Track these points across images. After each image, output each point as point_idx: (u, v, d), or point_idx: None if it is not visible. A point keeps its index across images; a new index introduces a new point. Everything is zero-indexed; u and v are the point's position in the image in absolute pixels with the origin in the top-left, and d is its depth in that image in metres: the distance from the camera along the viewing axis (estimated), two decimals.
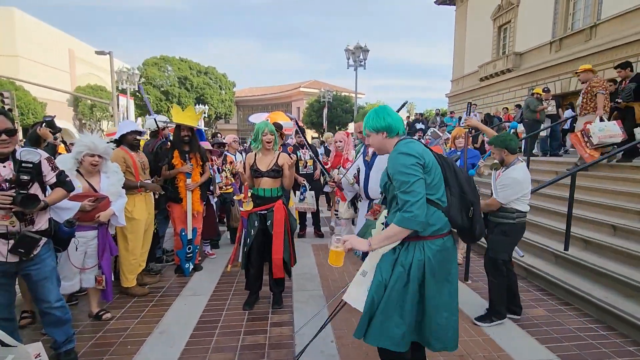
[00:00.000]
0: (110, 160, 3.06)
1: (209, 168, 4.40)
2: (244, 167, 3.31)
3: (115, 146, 3.56)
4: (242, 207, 3.34)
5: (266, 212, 3.23)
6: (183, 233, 4.04)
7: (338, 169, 3.60)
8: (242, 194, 3.41)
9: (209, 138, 6.17)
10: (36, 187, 2.19)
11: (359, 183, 2.98)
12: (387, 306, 1.74)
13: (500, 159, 3.08)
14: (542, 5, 13.53)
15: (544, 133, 8.64)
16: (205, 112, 27.36)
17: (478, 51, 17.65)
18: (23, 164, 2.10)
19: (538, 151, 9.02)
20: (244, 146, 7.64)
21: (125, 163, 3.46)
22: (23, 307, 3.01)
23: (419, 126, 12.90)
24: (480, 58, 17.37)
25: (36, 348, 2.06)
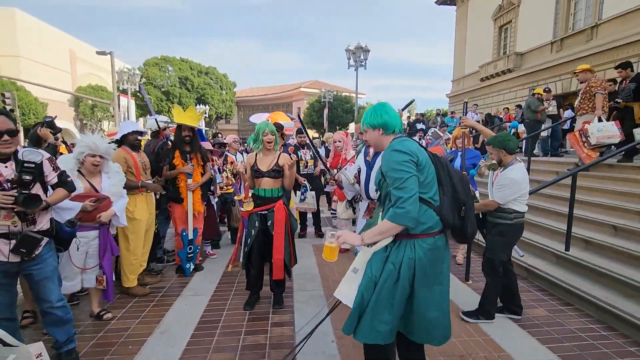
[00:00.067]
0: (111, 160, 3.07)
1: (210, 168, 4.40)
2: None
3: (116, 146, 3.55)
4: (243, 207, 3.35)
5: (267, 213, 3.23)
6: (184, 233, 4.05)
7: (338, 169, 3.60)
8: (243, 194, 3.41)
9: (210, 138, 6.16)
10: (38, 188, 2.20)
11: (360, 183, 2.99)
12: (377, 304, 1.75)
13: (498, 160, 3.06)
14: (543, 5, 13.51)
15: (545, 133, 8.63)
16: (206, 113, 27.41)
17: (479, 51, 17.63)
18: (25, 164, 2.11)
19: (539, 151, 9.01)
20: (245, 146, 7.64)
21: (126, 163, 3.47)
22: (24, 307, 3.01)
23: (420, 126, 12.87)
24: (481, 58, 17.36)
25: (37, 348, 2.08)
